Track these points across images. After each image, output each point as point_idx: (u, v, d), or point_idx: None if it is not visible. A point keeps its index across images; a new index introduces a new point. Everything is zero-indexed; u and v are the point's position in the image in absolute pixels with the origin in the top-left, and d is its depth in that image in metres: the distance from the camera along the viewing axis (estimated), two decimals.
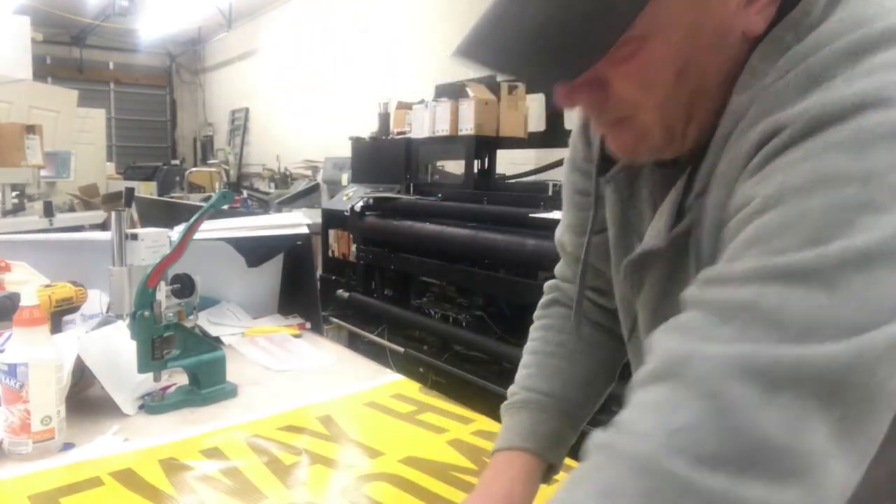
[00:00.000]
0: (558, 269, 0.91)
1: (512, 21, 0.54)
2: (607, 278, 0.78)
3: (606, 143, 0.65)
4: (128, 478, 0.95)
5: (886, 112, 0.45)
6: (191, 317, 1.29)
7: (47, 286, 1.39)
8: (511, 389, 0.83)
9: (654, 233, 0.63)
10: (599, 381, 0.84)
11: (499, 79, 3.31)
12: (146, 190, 7.36)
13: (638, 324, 0.72)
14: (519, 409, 0.80)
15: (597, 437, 0.50)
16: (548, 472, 0.79)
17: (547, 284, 0.92)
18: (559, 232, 0.88)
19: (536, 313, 0.90)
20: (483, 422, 1.19)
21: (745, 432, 0.43)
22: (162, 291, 1.22)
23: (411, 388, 1.37)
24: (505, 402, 0.82)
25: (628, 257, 0.68)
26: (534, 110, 3.61)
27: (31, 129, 4.52)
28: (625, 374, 0.80)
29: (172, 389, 1.28)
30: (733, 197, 0.53)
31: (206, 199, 1.59)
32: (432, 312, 2.94)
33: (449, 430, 1.15)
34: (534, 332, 0.88)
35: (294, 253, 1.97)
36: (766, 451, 0.43)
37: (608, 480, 0.46)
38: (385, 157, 3.52)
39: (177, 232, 1.49)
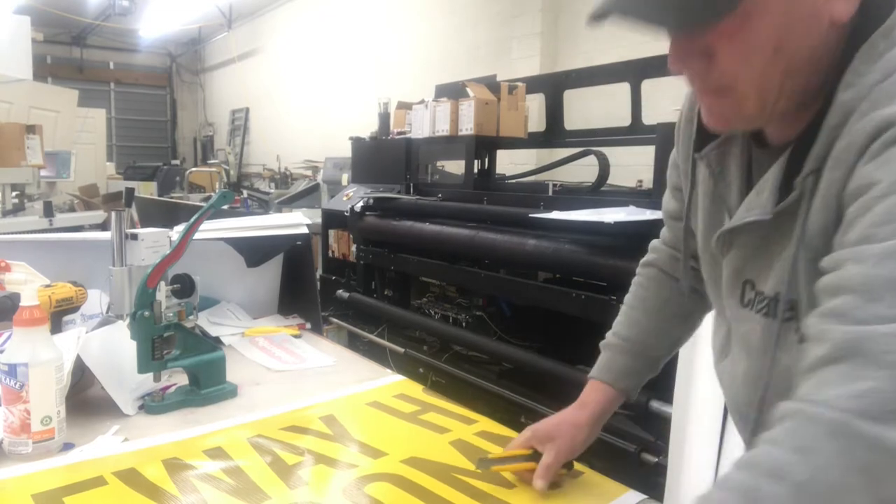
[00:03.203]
0: (663, 232, 1.08)
1: None
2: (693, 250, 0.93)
3: (704, 116, 0.74)
4: (131, 477, 0.95)
5: None
6: (191, 317, 1.29)
7: (47, 286, 1.39)
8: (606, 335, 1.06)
9: (757, 206, 0.73)
10: (673, 329, 1.04)
11: (499, 79, 3.31)
12: (146, 190, 7.35)
13: (721, 282, 0.83)
14: (604, 349, 1.04)
15: (784, 406, 0.57)
16: (622, 394, 1.02)
17: (651, 244, 1.10)
18: (664, 202, 1.04)
19: (638, 270, 1.09)
20: (486, 423, 1.19)
21: None
22: (162, 291, 1.22)
23: (414, 388, 1.37)
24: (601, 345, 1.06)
25: (729, 225, 0.77)
26: (534, 110, 3.61)
27: (31, 129, 4.52)
28: None
29: (172, 389, 1.28)
30: (853, 179, 0.61)
31: (207, 200, 1.59)
32: (432, 313, 2.94)
33: (452, 430, 1.15)
34: (631, 286, 1.08)
35: (294, 253, 1.97)
36: None
37: (803, 441, 0.54)
38: (385, 157, 3.51)
39: (177, 232, 1.49)
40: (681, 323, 1.04)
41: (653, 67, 2.53)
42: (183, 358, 1.26)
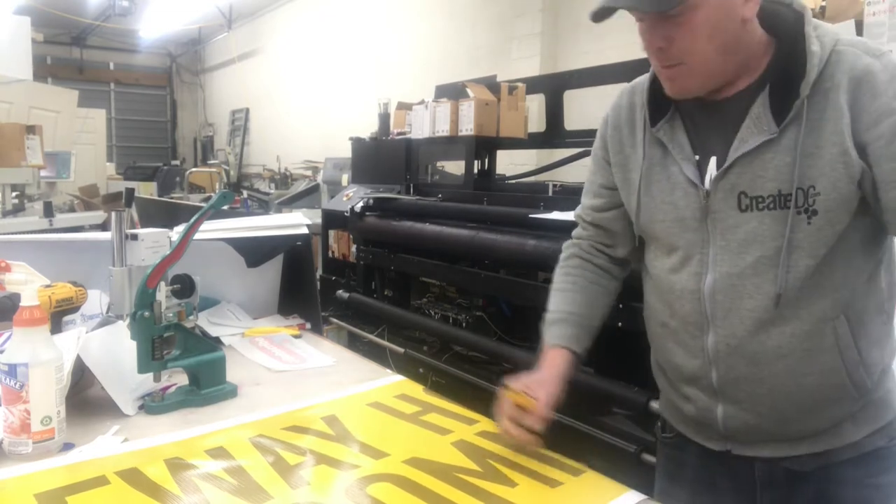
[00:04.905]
0: (576, 232, 1.32)
1: None
2: (615, 235, 1.24)
3: (666, 87, 1.02)
4: (133, 477, 0.95)
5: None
6: (191, 317, 1.29)
7: (47, 286, 1.39)
8: (546, 315, 1.25)
9: (759, 132, 0.97)
10: (600, 302, 1.26)
11: (499, 79, 3.31)
12: (146, 190, 7.35)
13: (689, 214, 1.05)
14: (551, 323, 1.23)
15: None
16: (576, 356, 1.20)
17: (565, 244, 1.33)
18: (577, 210, 1.31)
19: (559, 264, 1.31)
20: (486, 423, 1.19)
21: None
22: (162, 292, 1.22)
23: (415, 388, 1.37)
24: (545, 323, 1.24)
25: (743, 150, 0.98)
26: (534, 111, 3.61)
27: (31, 129, 4.51)
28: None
29: (172, 389, 1.28)
30: (870, 104, 0.91)
31: (207, 200, 1.59)
32: (432, 313, 2.93)
33: (453, 430, 1.15)
34: (557, 276, 1.29)
35: (294, 253, 1.97)
36: None
37: None
38: (385, 158, 3.51)
39: (177, 232, 1.49)
40: (605, 297, 1.27)
41: None
42: (183, 358, 1.26)
